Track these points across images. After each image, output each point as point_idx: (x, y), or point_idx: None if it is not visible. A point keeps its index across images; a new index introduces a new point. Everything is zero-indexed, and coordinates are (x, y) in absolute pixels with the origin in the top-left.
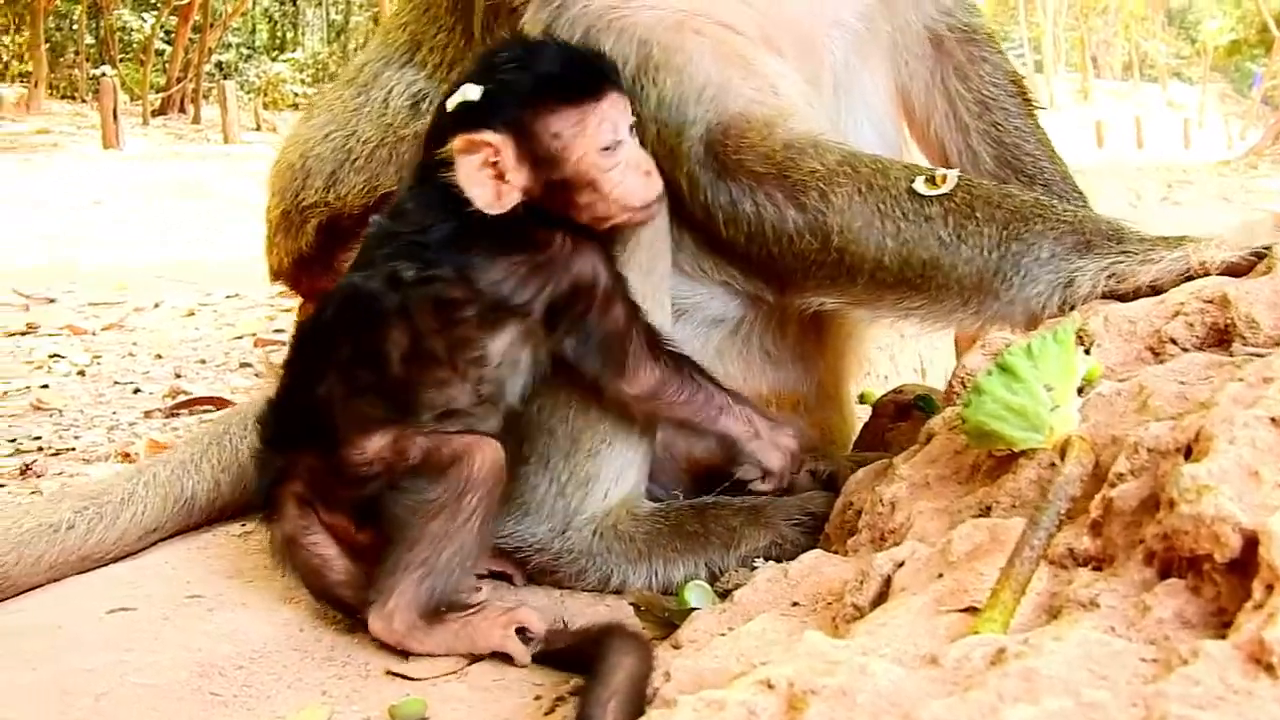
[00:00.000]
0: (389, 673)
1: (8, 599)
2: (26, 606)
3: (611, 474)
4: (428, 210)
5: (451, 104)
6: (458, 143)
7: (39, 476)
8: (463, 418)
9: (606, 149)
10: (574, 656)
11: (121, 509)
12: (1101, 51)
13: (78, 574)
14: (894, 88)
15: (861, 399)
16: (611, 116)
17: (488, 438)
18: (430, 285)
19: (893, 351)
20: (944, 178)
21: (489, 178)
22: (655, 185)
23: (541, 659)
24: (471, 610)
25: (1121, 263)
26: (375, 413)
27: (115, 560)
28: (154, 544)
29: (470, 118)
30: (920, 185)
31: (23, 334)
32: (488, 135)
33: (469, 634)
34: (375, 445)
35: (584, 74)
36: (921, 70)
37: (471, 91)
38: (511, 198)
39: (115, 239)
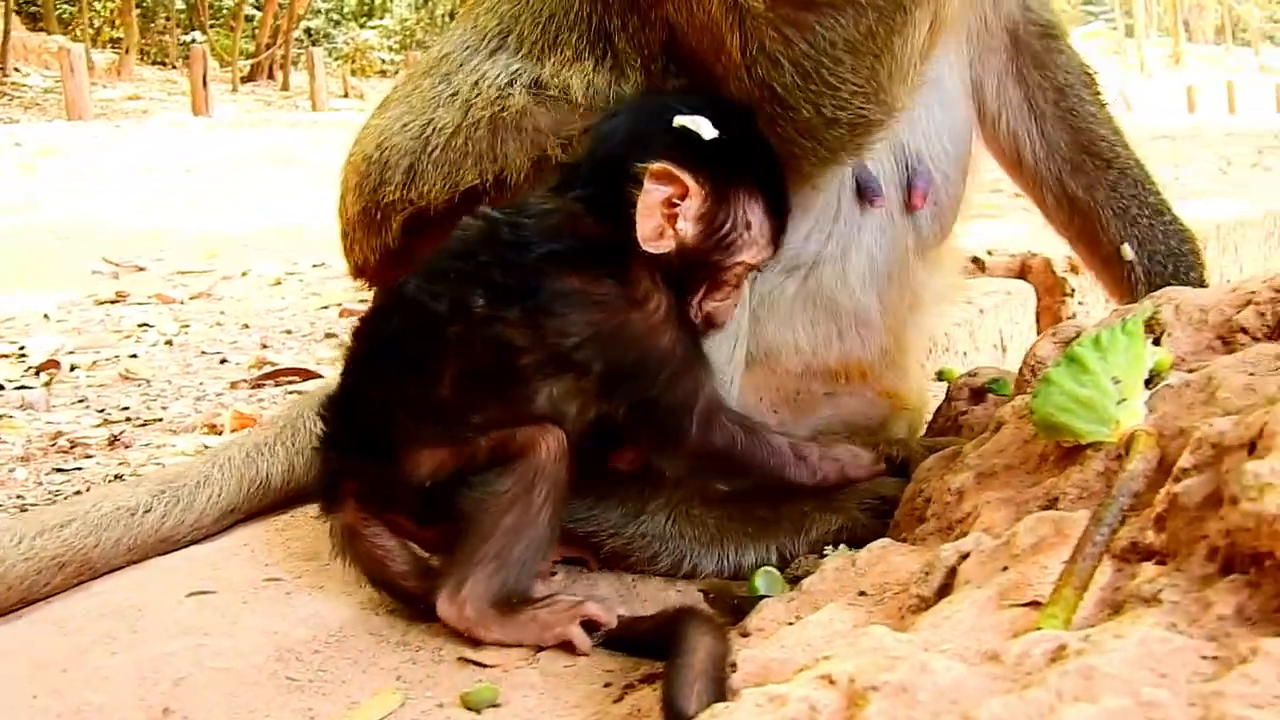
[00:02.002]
0: (461, 659)
1: (88, 582)
2: (108, 589)
3: None
4: (547, 219)
5: (677, 122)
6: (657, 167)
7: (127, 447)
8: (500, 429)
9: (753, 267)
10: (646, 642)
11: (198, 491)
12: (1194, 16)
13: (157, 556)
14: (967, 79)
15: (940, 375)
16: (770, 261)
17: (551, 425)
18: (493, 325)
19: (972, 328)
20: None
21: (661, 215)
22: (731, 323)
23: (612, 645)
24: (540, 602)
25: None
26: (428, 430)
27: (193, 542)
28: (232, 526)
29: (681, 151)
30: None
31: (112, 302)
32: (689, 178)
33: (536, 625)
34: (439, 458)
35: (789, 208)
36: (996, 64)
37: (706, 129)
38: (668, 245)
39: (204, 207)
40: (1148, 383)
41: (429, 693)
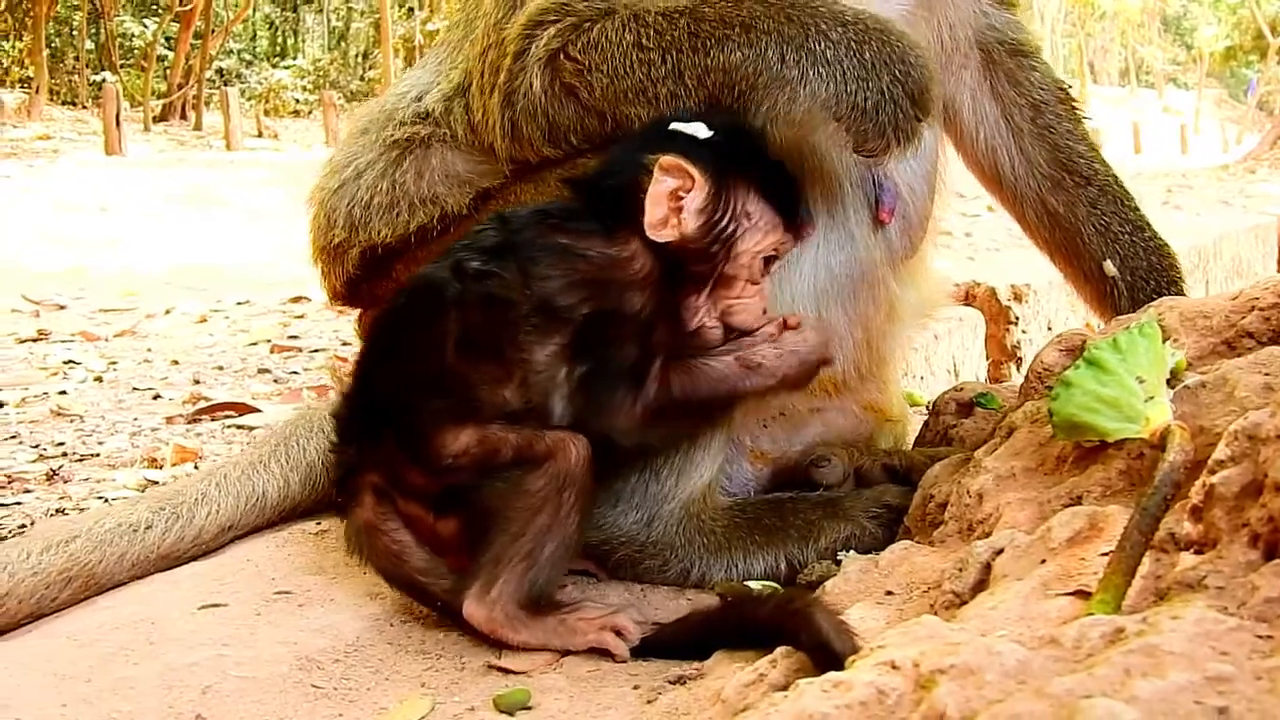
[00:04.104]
0: (486, 665)
1: (93, 597)
2: (116, 603)
3: (704, 460)
4: (545, 203)
5: (675, 126)
6: (668, 160)
7: (66, 482)
8: (525, 422)
9: (767, 261)
10: (688, 643)
11: (196, 508)
12: (1099, 58)
13: (158, 572)
14: None
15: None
16: (790, 249)
17: (577, 434)
18: (486, 281)
19: (927, 353)
20: None
21: (668, 206)
22: (757, 325)
23: (645, 651)
24: (569, 607)
25: None
26: (442, 405)
27: (194, 558)
28: (231, 541)
29: (683, 148)
30: None
31: (35, 340)
32: (695, 170)
33: (566, 629)
34: (463, 440)
35: (799, 201)
36: (970, 80)
37: (700, 130)
38: (671, 234)
39: (123, 245)
40: (1167, 383)
41: (457, 698)
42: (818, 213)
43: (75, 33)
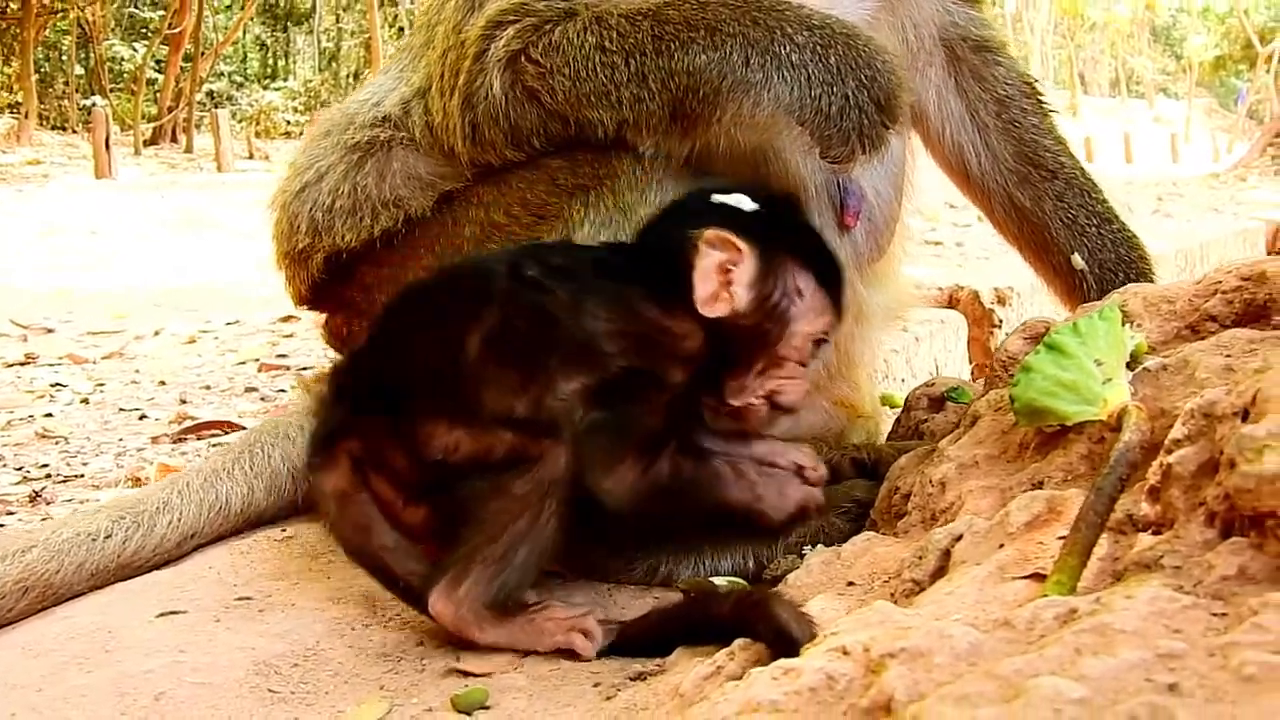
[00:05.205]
0: (447, 668)
1: (51, 608)
2: (74, 612)
3: None
4: (602, 250)
5: (719, 198)
6: (713, 234)
7: (49, 503)
8: (520, 430)
9: (816, 343)
10: (647, 641)
11: (158, 516)
12: (1089, 69)
13: (118, 581)
14: None
15: (884, 402)
16: (834, 331)
17: (563, 443)
18: (539, 293)
19: (908, 355)
20: None
21: (717, 280)
22: (800, 405)
23: (612, 650)
24: (535, 607)
25: None
26: (445, 404)
27: (155, 567)
28: (193, 550)
29: (728, 220)
30: None
31: (22, 364)
32: (742, 243)
33: (532, 630)
34: (456, 435)
35: (841, 278)
36: (935, 77)
37: (745, 203)
38: (722, 308)
39: (112, 268)
40: (1128, 366)
41: (415, 699)
42: None
43: (65, 57)
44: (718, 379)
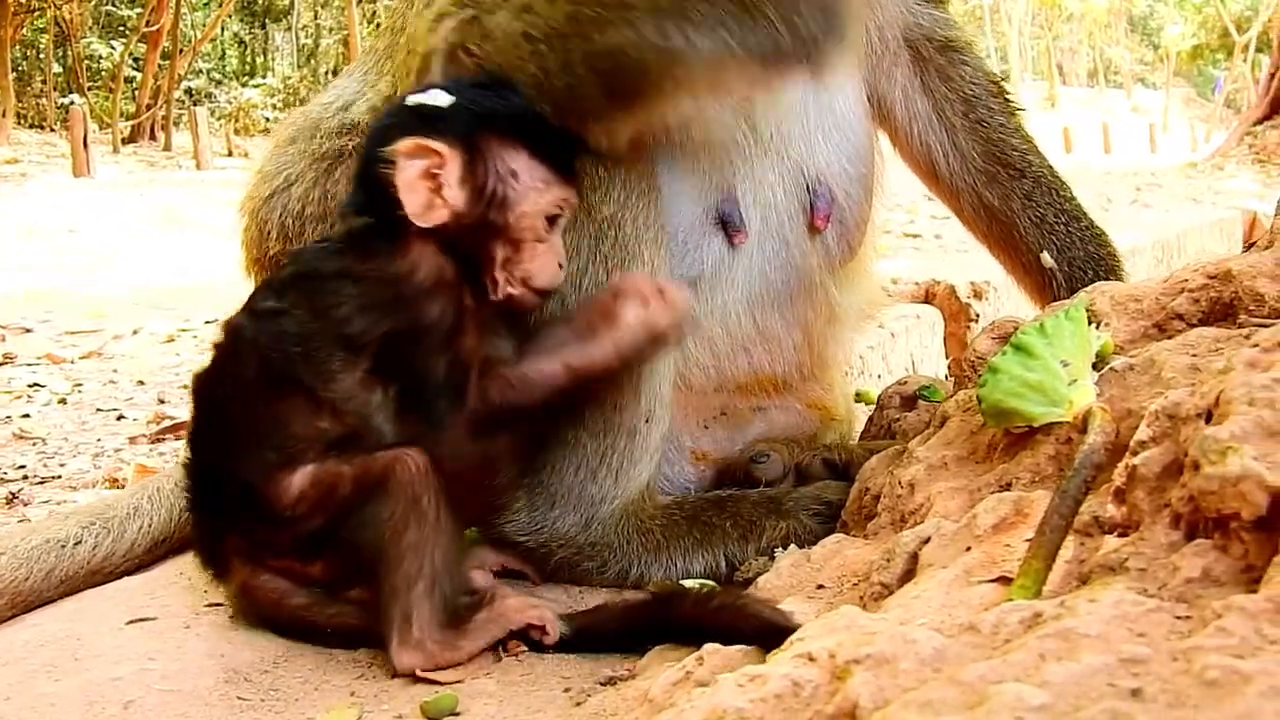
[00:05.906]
0: (417, 675)
1: (20, 615)
2: (43, 620)
3: (643, 459)
4: (327, 235)
5: (413, 101)
6: (405, 145)
7: (26, 505)
8: (350, 446)
9: (550, 219)
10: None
11: (128, 522)
12: (1067, 59)
13: (89, 588)
14: (865, 97)
15: (857, 397)
16: (569, 199)
17: (406, 448)
18: (279, 320)
19: (884, 351)
20: None
21: (426, 189)
22: (558, 279)
23: (577, 645)
24: (487, 601)
25: None
26: (268, 454)
27: (126, 573)
28: (164, 556)
29: (425, 124)
30: None
31: (0, 364)
32: (438, 144)
33: (498, 619)
34: (296, 484)
35: (568, 146)
36: (900, 76)
37: (440, 98)
38: (440, 214)
39: (91, 267)
40: (1094, 366)
41: (385, 706)
42: (751, 220)
43: (42, 55)
44: (479, 281)
